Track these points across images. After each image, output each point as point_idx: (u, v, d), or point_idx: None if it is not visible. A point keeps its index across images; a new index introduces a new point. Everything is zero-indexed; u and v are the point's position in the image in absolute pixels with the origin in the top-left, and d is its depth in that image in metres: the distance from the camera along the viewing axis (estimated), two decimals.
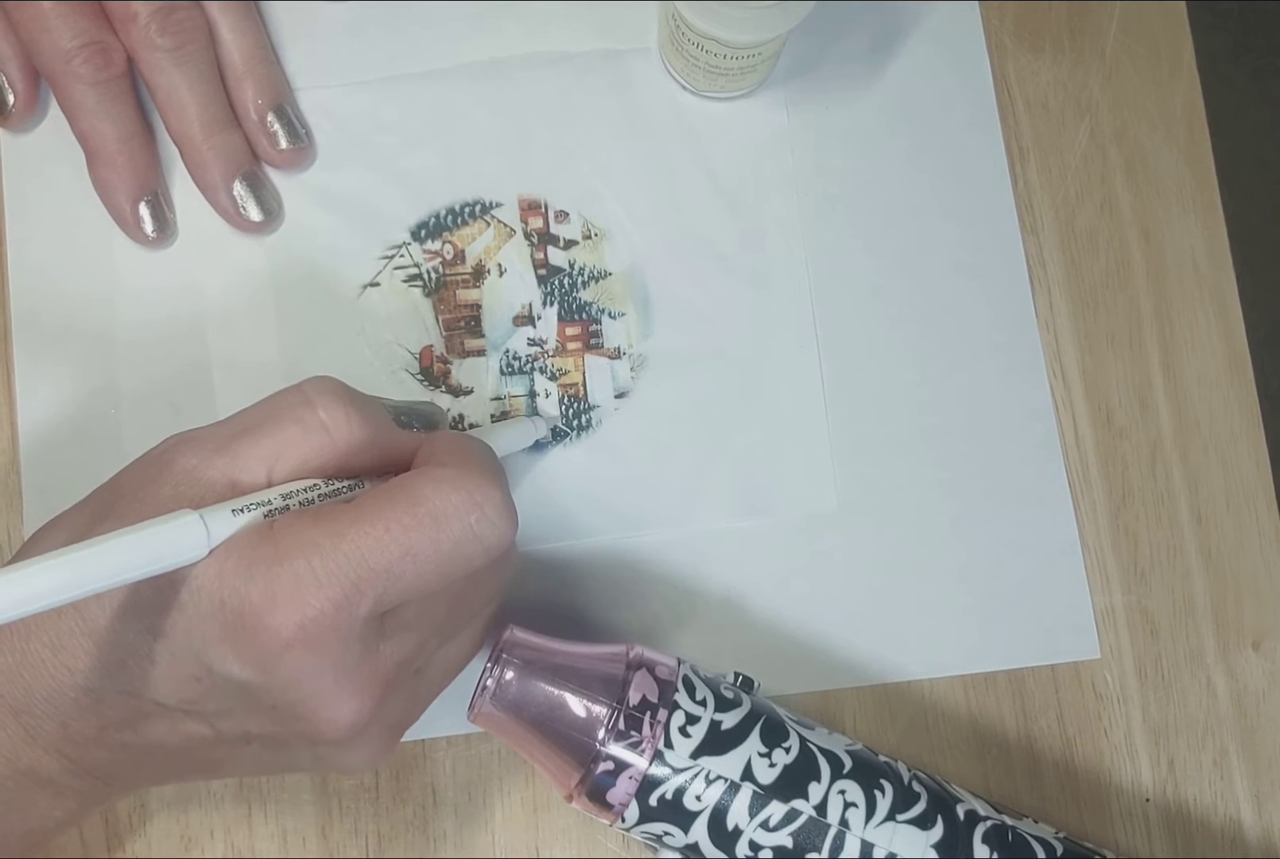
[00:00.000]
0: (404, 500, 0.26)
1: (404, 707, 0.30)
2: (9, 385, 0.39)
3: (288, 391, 0.29)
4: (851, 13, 0.42)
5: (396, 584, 0.26)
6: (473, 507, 0.26)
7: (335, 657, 0.26)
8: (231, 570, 0.25)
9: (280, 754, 0.29)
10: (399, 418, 0.31)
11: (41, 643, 0.27)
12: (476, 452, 0.29)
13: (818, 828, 0.32)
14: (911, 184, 0.41)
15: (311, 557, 0.25)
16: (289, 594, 0.25)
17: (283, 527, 0.26)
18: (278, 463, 0.27)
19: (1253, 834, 0.39)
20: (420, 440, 0.30)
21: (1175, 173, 0.42)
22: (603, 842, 0.38)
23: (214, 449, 0.27)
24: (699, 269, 0.40)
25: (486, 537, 0.27)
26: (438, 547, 0.26)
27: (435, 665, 0.31)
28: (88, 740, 0.28)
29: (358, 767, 0.29)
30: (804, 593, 0.39)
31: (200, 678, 0.26)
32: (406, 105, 0.41)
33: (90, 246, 0.40)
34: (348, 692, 0.26)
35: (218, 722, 0.28)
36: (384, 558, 0.25)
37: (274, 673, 0.26)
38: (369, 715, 0.27)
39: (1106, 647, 0.39)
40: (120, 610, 0.26)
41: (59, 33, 0.36)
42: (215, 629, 0.25)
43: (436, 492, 0.26)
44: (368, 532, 0.25)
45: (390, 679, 0.28)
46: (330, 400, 0.28)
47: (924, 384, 0.40)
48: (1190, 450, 0.40)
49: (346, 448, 0.28)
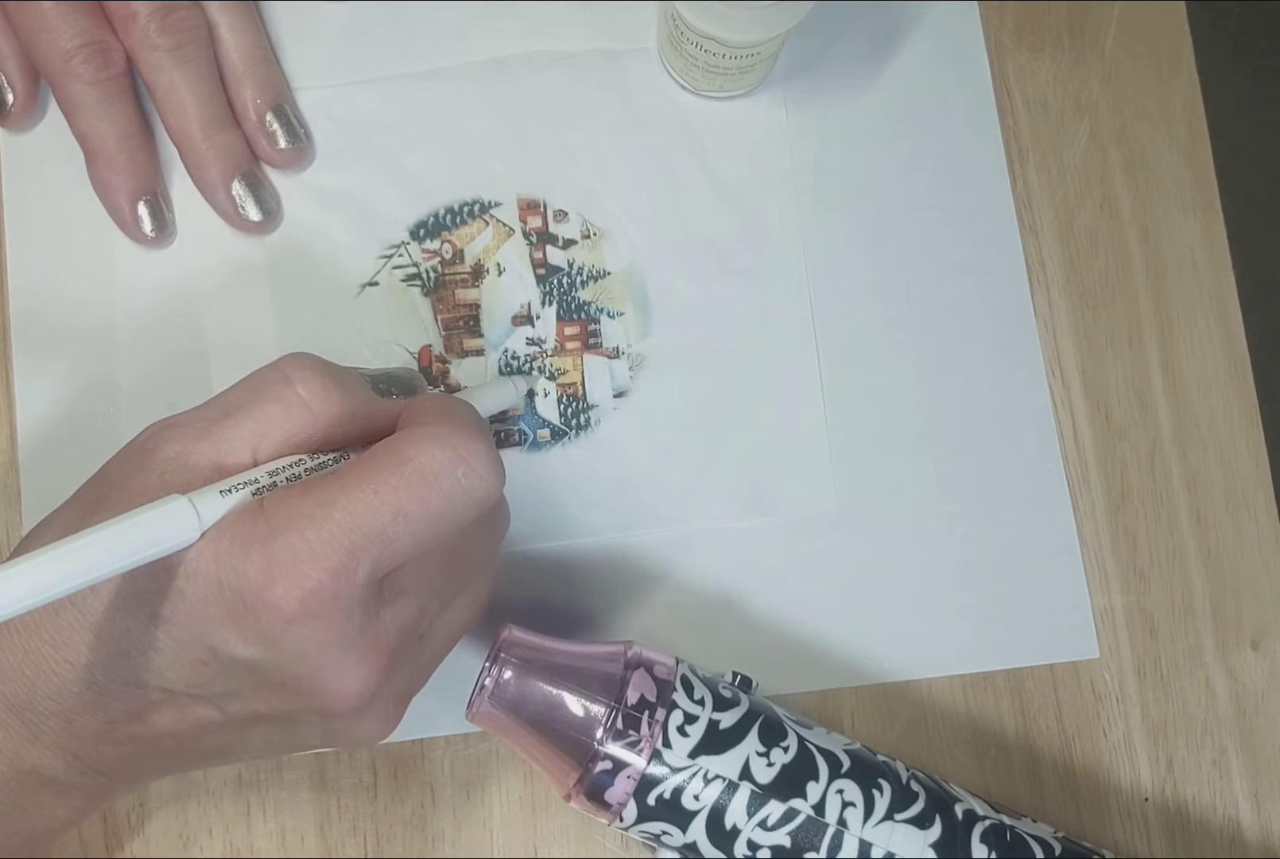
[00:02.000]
0: (389, 462, 0.26)
1: (409, 674, 0.30)
2: (8, 384, 0.39)
3: (265, 370, 0.29)
4: (851, 12, 0.42)
5: (391, 546, 0.26)
6: (458, 461, 0.26)
7: (338, 627, 0.26)
8: (226, 550, 0.25)
9: (290, 732, 0.29)
10: (377, 386, 0.31)
11: (43, 640, 0.27)
12: (457, 409, 0.29)
13: (816, 827, 0.32)
14: (910, 183, 0.41)
15: (304, 528, 0.25)
16: (286, 568, 0.25)
17: (273, 502, 0.26)
18: (262, 442, 0.28)
19: (1251, 834, 0.39)
20: (401, 406, 0.30)
21: (1175, 173, 0.42)
22: (601, 841, 0.38)
23: (197, 434, 0.27)
24: (698, 269, 0.40)
25: (475, 489, 0.27)
26: (427, 504, 0.26)
27: (437, 630, 0.31)
28: (94, 736, 0.28)
29: (367, 738, 0.30)
30: (803, 592, 0.39)
31: (206, 661, 0.26)
32: (406, 105, 0.41)
33: (90, 246, 0.40)
34: (353, 661, 0.27)
35: (226, 704, 0.28)
36: (376, 521, 0.26)
37: (279, 648, 0.26)
38: (376, 684, 0.27)
39: (1105, 646, 0.39)
40: (119, 601, 0.26)
41: (58, 32, 0.36)
42: (216, 610, 0.26)
43: (420, 450, 0.26)
44: (357, 497, 0.26)
45: (394, 646, 0.28)
46: (308, 375, 0.28)
47: (923, 384, 0.40)
48: (1189, 450, 0.40)
49: (328, 421, 0.28)
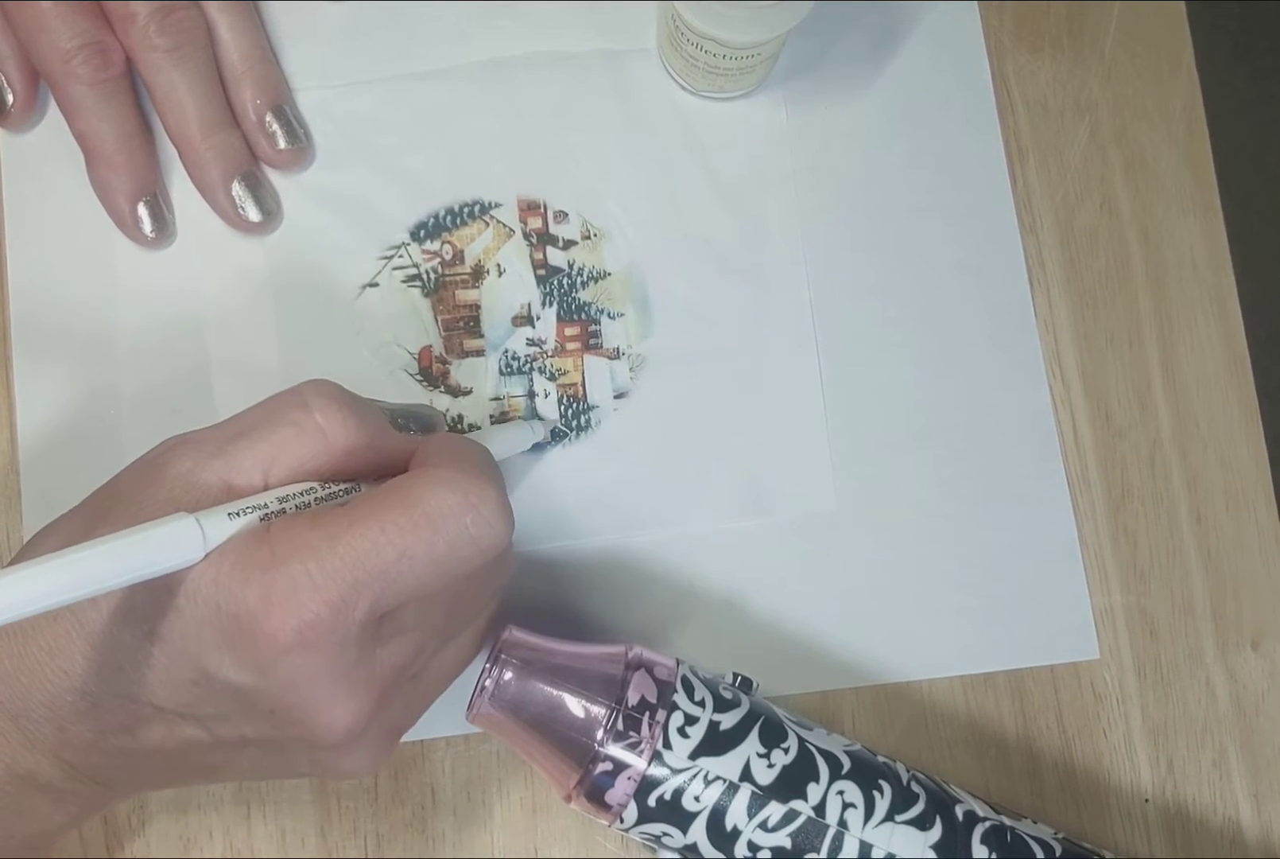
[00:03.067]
0: (399, 502, 0.26)
1: (401, 711, 0.30)
2: (8, 387, 0.39)
3: (284, 394, 0.29)
4: (851, 13, 0.42)
5: (393, 586, 0.26)
6: (468, 508, 0.26)
7: (332, 660, 0.26)
8: (228, 574, 0.25)
9: (278, 759, 0.29)
10: (395, 420, 0.31)
11: (38, 646, 0.27)
12: (473, 453, 0.29)
13: (816, 828, 0.32)
14: (910, 184, 0.41)
15: (308, 560, 0.25)
16: (286, 598, 0.25)
17: (279, 530, 0.26)
18: (274, 466, 0.27)
19: (1252, 834, 0.39)
20: (417, 443, 0.30)
21: (1175, 173, 0.42)
22: (601, 842, 0.38)
23: (210, 452, 0.27)
24: (698, 269, 0.40)
25: (483, 538, 0.27)
26: (434, 548, 0.26)
27: (432, 670, 0.31)
28: (85, 745, 0.28)
29: (355, 771, 0.29)
30: (803, 593, 0.39)
31: (197, 681, 0.26)
32: (406, 105, 0.41)
33: (89, 247, 0.40)
34: (344, 695, 0.26)
35: (214, 726, 0.28)
36: (380, 560, 0.25)
37: (271, 677, 0.25)
38: (366, 719, 0.27)
39: (1105, 647, 0.39)
40: (117, 614, 0.26)
41: (58, 33, 0.36)
42: (212, 633, 0.25)
43: (432, 493, 0.26)
44: (364, 534, 0.25)
45: (387, 682, 0.28)
46: (326, 403, 0.28)
47: (923, 384, 0.40)
48: (1189, 450, 0.40)
49: (342, 450, 0.28)
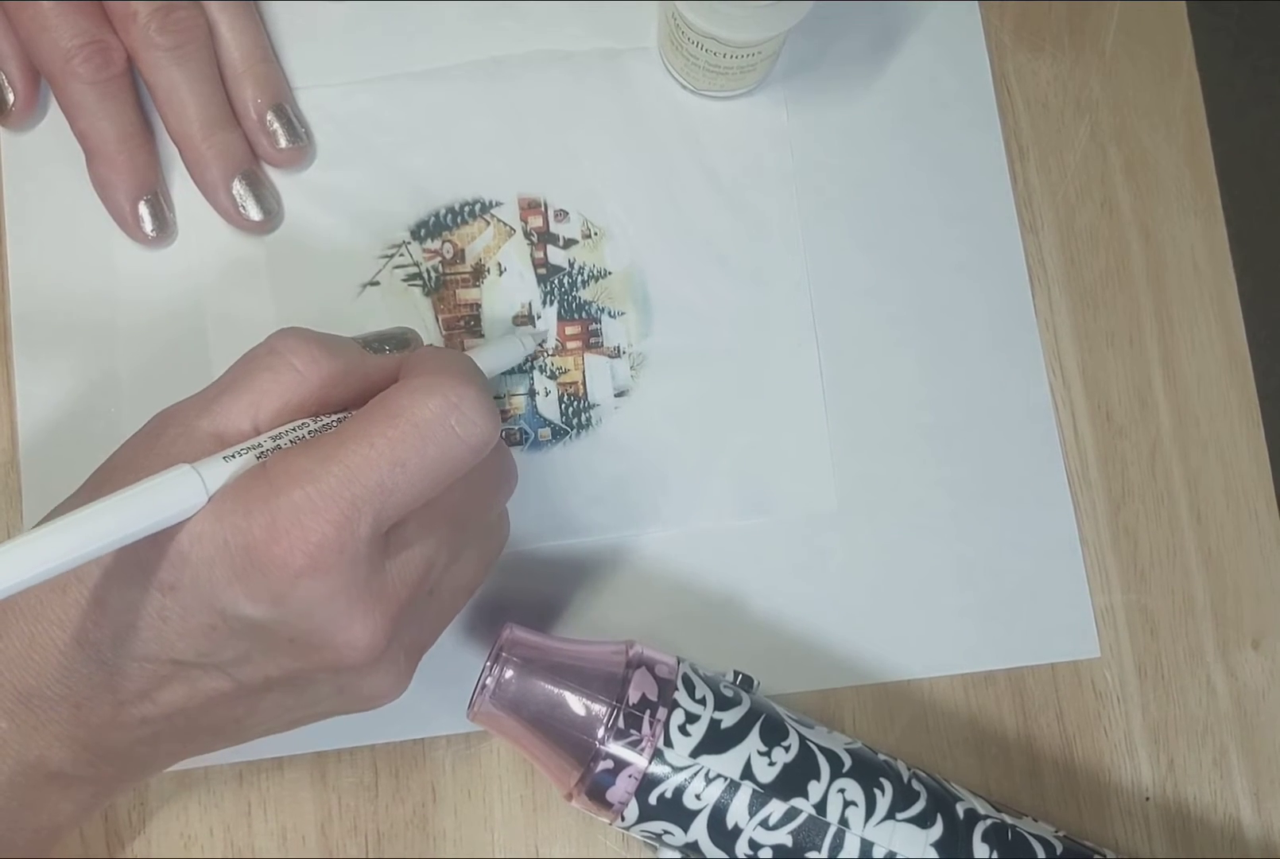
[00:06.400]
0: (383, 415, 0.27)
1: (419, 628, 0.31)
2: (9, 384, 0.39)
3: (256, 348, 0.29)
4: (851, 12, 0.42)
5: (392, 498, 0.26)
6: (450, 408, 0.27)
7: (345, 579, 0.26)
8: (230, 510, 0.26)
9: (302, 697, 0.29)
10: (370, 345, 0.32)
11: (50, 621, 0.27)
12: (450, 359, 0.30)
13: (817, 827, 0.32)
14: (911, 183, 0.41)
15: (305, 484, 0.26)
16: (290, 524, 0.25)
17: (274, 462, 0.26)
18: (259, 411, 0.28)
19: (1252, 833, 0.39)
20: (398, 361, 0.31)
21: (1175, 172, 0.42)
22: (602, 841, 0.38)
23: (197, 412, 0.28)
24: (698, 268, 0.40)
25: (470, 436, 0.27)
26: (424, 453, 0.27)
27: (446, 585, 0.31)
28: (103, 722, 0.28)
29: (380, 693, 0.30)
30: (803, 591, 0.39)
31: (215, 625, 0.27)
32: (406, 104, 0.41)
33: (90, 246, 0.40)
34: (361, 612, 0.27)
35: (237, 671, 0.28)
36: (375, 473, 0.26)
37: (287, 604, 0.26)
38: (386, 635, 0.28)
39: (1106, 646, 0.39)
40: (124, 574, 0.27)
41: (59, 32, 0.36)
42: (223, 572, 0.26)
43: (412, 401, 0.27)
44: (354, 451, 0.26)
45: (402, 598, 0.28)
46: (295, 343, 0.29)
47: (923, 382, 0.40)
48: (1190, 449, 0.40)
49: (320, 382, 0.29)
